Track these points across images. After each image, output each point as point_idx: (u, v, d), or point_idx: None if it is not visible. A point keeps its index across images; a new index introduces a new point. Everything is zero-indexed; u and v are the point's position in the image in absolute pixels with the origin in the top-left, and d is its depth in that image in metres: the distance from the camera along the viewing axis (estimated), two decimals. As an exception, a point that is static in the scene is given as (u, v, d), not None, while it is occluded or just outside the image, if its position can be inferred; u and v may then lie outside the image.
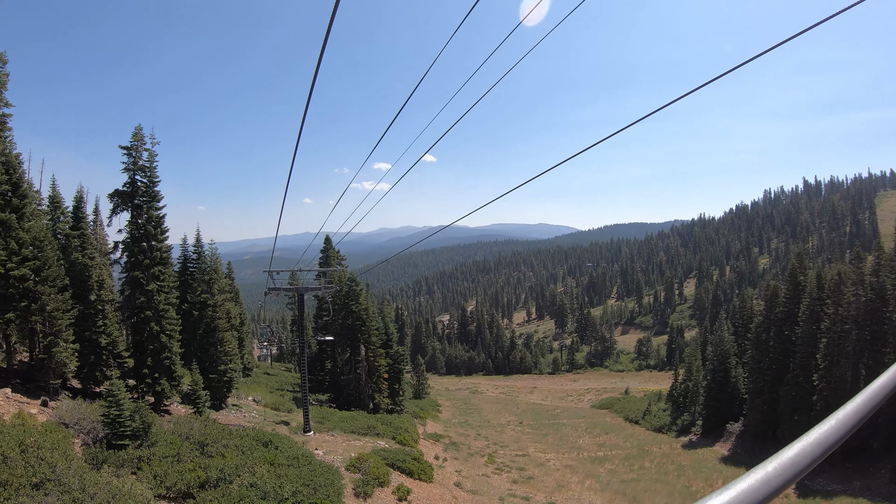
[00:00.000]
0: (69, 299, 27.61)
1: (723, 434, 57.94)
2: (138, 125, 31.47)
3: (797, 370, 49.16)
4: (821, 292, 49.40)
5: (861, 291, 45.16)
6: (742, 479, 1.19)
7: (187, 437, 24.17)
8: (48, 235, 27.51)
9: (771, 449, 24.16)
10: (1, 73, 27.34)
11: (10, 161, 26.71)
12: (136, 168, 31.26)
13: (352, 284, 54.43)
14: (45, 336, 26.28)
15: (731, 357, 61.05)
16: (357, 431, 39.97)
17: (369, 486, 25.84)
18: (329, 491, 21.82)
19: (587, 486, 40.28)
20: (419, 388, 79.27)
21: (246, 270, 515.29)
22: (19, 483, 15.28)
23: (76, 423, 22.71)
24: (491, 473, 41.32)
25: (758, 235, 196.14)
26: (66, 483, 16.13)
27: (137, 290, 30.97)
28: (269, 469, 22.43)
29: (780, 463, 1.25)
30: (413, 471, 31.80)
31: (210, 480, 19.82)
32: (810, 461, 1.29)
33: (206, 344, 38.17)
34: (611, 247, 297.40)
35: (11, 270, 24.65)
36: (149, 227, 31.16)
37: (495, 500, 32.72)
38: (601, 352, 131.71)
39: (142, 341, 31.09)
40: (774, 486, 1.20)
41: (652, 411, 72.30)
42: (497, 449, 52.88)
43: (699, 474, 44.86)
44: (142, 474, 19.45)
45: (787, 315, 52.68)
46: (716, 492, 1.15)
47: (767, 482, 1.19)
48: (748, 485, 1.18)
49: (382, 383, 54.81)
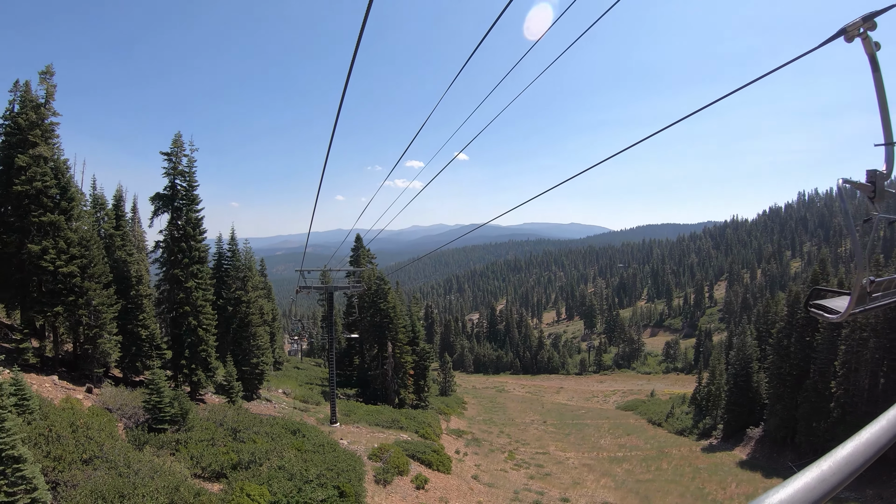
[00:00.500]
0: (113, 294, 29.85)
1: (743, 439, 57.93)
2: (178, 132, 33.71)
3: (816, 377, 49.11)
4: (845, 297, 49.52)
5: None
6: (797, 477, 1.22)
7: (221, 424, 26.18)
8: (94, 235, 29.81)
9: (789, 455, 25.96)
10: (49, 85, 29.73)
11: (58, 166, 29.09)
12: (175, 173, 33.48)
13: (380, 283, 56.22)
14: (91, 328, 28.50)
15: (753, 362, 60.77)
16: (381, 424, 41.70)
17: (389, 474, 27.58)
18: (351, 476, 23.57)
19: (602, 484, 41.17)
20: (445, 385, 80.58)
21: (278, 266, 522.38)
22: (71, 458, 17.26)
23: (119, 408, 24.80)
24: (509, 469, 42.54)
25: (790, 238, 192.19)
26: (113, 460, 18.07)
27: (177, 286, 33.19)
28: (296, 454, 24.28)
29: (835, 462, 1.27)
30: (432, 462, 33.46)
31: (242, 462, 21.75)
32: (863, 461, 1.31)
33: (239, 338, 40.31)
34: (642, 248, 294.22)
35: (60, 268, 26.90)
36: (188, 229, 33.34)
37: (510, 494, 34.06)
38: (629, 353, 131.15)
39: (180, 334, 33.30)
40: (830, 484, 1.22)
41: (675, 414, 72.38)
42: (518, 446, 53.83)
43: (714, 477, 45.15)
44: (179, 455, 21.38)
45: (808, 321, 52.73)
46: (772, 489, 1.19)
47: (823, 480, 1.22)
48: (804, 483, 1.20)
49: (408, 379, 56.53)
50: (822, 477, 1.21)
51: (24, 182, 26.95)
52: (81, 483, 16.17)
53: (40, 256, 26.54)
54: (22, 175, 26.97)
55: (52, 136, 29.40)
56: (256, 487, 18.99)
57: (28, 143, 27.83)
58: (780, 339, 55.89)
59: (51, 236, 27.30)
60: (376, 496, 24.70)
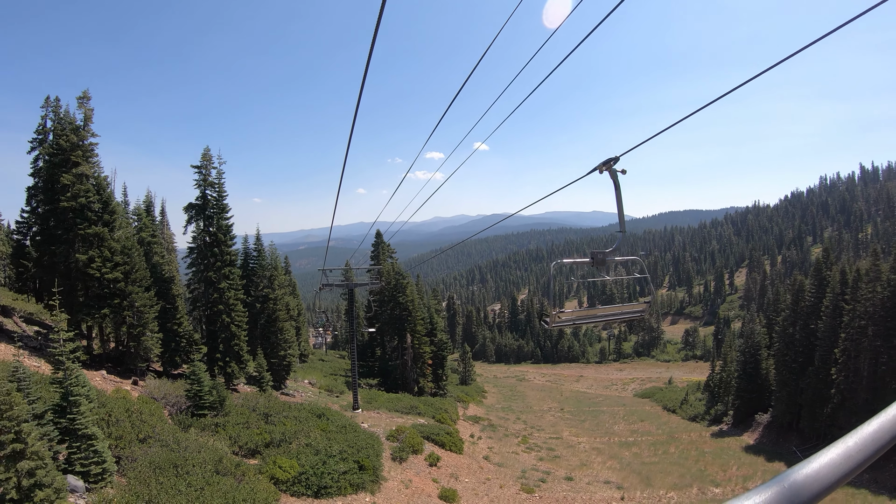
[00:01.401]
0: (153, 296, 33.30)
1: (751, 424, 59.80)
2: (206, 147, 37.02)
3: (819, 363, 50.91)
4: (843, 288, 51.21)
5: (879, 288, 46.73)
6: (823, 452, 1.22)
7: (254, 409, 29.54)
8: (134, 243, 33.22)
9: (794, 440, 29.68)
10: (86, 109, 32.98)
11: (100, 183, 32.48)
12: (206, 184, 36.83)
13: (399, 278, 59.34)
14: (134, 327, 31.90)
15: (762, 349, 62.62)
16: (400, 410, 44.83)
17: (404, 452, 30.75)
18: (370, 452, 26.79)
19: (608, 465, 43.52)
20: (465, 374, 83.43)
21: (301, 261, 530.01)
22: (130, 438, 20.53)
23: (163, 397, 28.14)
24: (521, 451, 45.27)
25: (811, 224, 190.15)
26: (164, 439, 21.34)
27: (210, 287, 36.61)
28: (321, 434, 27.58)
29: (861, 438, 1.27)
30: (445, 443, 36.61)
31: (273, 441, 25.08)
32: (890, 437, 1.30)
33: (267, 332, 43.67)
34: (664, 235, 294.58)
35: (106, 274, 30.29)
36: (219, 235, 36.73)
37: (517, 473, 36.93)
38: (648, 342, 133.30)
39: (214, 331, 36.74)
40: (856, 460, 1.22)
41: (689, 401, 74.45)
42: (533, 431, 56.22)
43: (717, 460, 47.12)
44: (219, 436, 24.65)
45: (811, 309, 54.44)
46: (798, 464, 1.19)
47: (849, 457, 1.22)
48: (829, 459, 1.20)
49: (426, 368, 59.67)
50: (847, 453, 1.23)
51: (70, 199, 30.23)
52: (140, 457, 19.37)
53: (87, 265, 29.91)
54: (67, 192, 30.29)
55: (91, 155, 32.53)
56: (287, 461, 22.27)
57: (70, 163, 30.93)
58: (785, 327, 57.64)
59: (96, 246, 30.62)
60: (392, 471, 27.85)
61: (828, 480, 1.16)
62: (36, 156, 37.98)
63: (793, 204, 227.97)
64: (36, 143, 38.08)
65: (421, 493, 26.50)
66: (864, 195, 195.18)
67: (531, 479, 35.54)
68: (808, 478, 1.15)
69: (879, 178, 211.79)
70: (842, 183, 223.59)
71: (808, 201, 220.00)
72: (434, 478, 29.70)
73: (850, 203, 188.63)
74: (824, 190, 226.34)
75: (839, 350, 48.49)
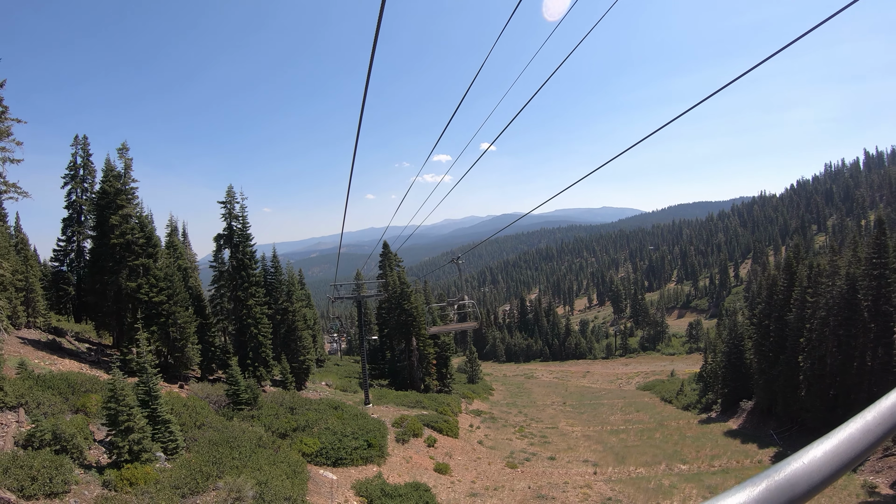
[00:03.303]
0: (192, 314, 40.36)
1: (737, 411, 64.84)
2: (230, 185, 44.62)
3: (789, 352, 56.54)
4: (810, 282, 56.95)
5: (838, 282, 52.43)
6: (844, 426, 1.22)
7: (281, 404, 36.64)
8: (174, 270, 40.28)
9: (772, 424, 38.48)
10: (126, 158, 39.78)
11: (142, 221, 39.51)
12: (231, 217, 44.16)
13: (403, 287, 66.18)
14: (178, 341, 38.90)
15: (745, 339, 67.94)
16: (406, 405, 51.65)
17: (406, 435, 37.90)
18: (377, 434, 33.92)
19: (592, 449, 49.34)
20: (473, 374, 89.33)
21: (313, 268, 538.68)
22: (190, 424, 27.43)
23: (206, 396, 35.05)
24: (514, 438, 51.43)
25: (815, 213, 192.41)
26: (214, 425, 28.22)
27: (240, 304, 43.71)
28: (337, 420, 34.77)
29: (879, 412, 1.26)
30: (443, 429, 43.61)
31: (299, 426, 32.17)
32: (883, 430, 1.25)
33: (287, 340, 50.75)
34: (672, 229, 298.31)
35: (153, 298, 37.29)
36: (245, 260, 44.03)
37: (506, 454, 43.56)
38: (654, 336, 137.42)
39: (244, 340, 43.92)
40: (875, 434, 1.21)
41: (684, 391, 79.31)
42: (531, 423, 61.60)
43: (695, 444, 52.18)
44: (255, 423, 31.63)
45: (783, 302, 60.11)
46: (819, 440, 1.18)
47: (868, 431, 1.21)
48: (849, 434, 1.20)
49: (431, 368, 66.49)
50: (866, 428, 1.22)
51: (118, 236, 37.17)
52: (199, 438, 26.23)
53: (136, 291, 36.93)
54: (115, 231, 37.29)
55: (133, 197, 39.38)
56: (310, 439, 29.34)
57: (116, 206, 37.83)
58: (761, 318, 63.20)
59: (142, 275, 37.67)
60: (395, 449, 34.85)
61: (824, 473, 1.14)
62: (69, 190, 45.42)
63: (798, 193, 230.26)
64: (68, 178, 45.68)
65: (419, 467, 33.43)
66: (868, 181, 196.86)
67: (517, 459, 42.22)
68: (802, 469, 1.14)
69: (885, 164, 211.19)
70: (846, 170, 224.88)
71: (813, 189, 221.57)
72: (431, 455, 36.73)
73: (853, 190, 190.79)
74: (829, 177, 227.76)
75: (804, 339, 54.17)
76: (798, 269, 59.94)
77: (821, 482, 1.10)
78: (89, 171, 47.14)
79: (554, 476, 38.01)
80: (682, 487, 36.62)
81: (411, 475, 31.57)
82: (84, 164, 46.84)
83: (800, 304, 56.52)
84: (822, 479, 1.10)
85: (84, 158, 46.75)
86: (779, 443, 51.37)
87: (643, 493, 35.02)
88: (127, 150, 40.07)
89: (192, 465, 21.53)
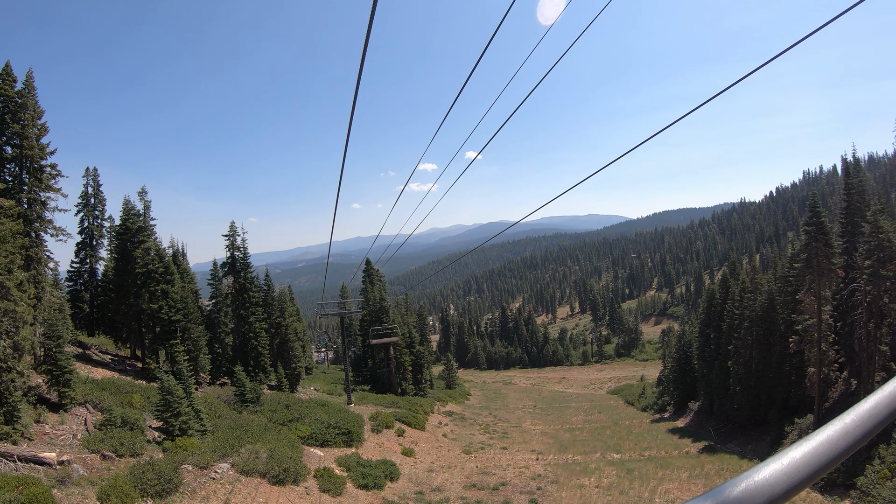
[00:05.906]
0: (204, 329, 50.15)
1: (686, 411, 72.86)
2: (232, 221, 54.65)
3: (722, 357, 65.60)
4: (740, 295, 66.78)
5: (759, 297, 61.91)
6: (822, 430, 1.26)
7: (279, 402, 46.76)
8: (189, 293, 50.05)
9: (713, 422, 52.40)
10: (145, 200, 49.40)
11: (160, 252, 49.11)
12: (233, 248, 54.21)
13: (382, 303, 76.15)
14: (192, 352, 48.59)
15: (693, 347, 76.63)
16: (383, 405, 61.15)
17: (380, 427, 48.09)
18: (355, 424, 44.17)
19: (544, 442, 57.61)
20: (450, 379, 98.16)
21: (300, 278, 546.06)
22: (210, 415, 37.12)
23: (218, 396, 44.86)
24: (477, 434, 60.40)
25: (792, 220, 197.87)
26: (229, 417, 38.12)
27: (241, 321, 53.65)
28: (323, 414, 45.04)
29: (857, 415, 1.32)
30: (412, 423, 53.80)
31: (294, 418, 42.41)
32: (888, 413, 1.34)
33: (281, 350, 60.64)
34: (655, 236, 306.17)
35: (172, 317, 46.91)
36: (246, 284, 54.18)
37: (465, 444, 53.31)
38: (628, 342, 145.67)
39: (246, 351, 53.82)
40: (854, 436, 1.27)
41: (646, 394, 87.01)
42: (497, 422, 68.98)
43: (637, 439, 58.74)
44: (259, 416, 41.56)
45: (719, 313, 69.97)
46: (802, 439, 1.23)
47: (846, 433, 1.27)
48: (827, 436, 1.25)
49: (408, 374, 76.38)
50: (845, 430, 1.27)
51: (140, 266, 46.86)
52: (220, 424, 36.05)
53: (157, 311, 46.57)
54: (138, 262, 46.89)
55: (152, 233, 48.92)
56: (303, 427, 39.56)
57: (138, 241, 47.34)
58: (702, 327, 73.03)
59: (161, 298, 47.25)
60: (370, 437, 45.05)
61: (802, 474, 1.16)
62: (81, 217, 52.78)
63: (775, 200, 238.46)
64: (81, 206, 52.64)
65: (389, 450, 43.59)
66: (841, 188, 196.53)
67: (473, 448, 52.04)
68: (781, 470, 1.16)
69: (863, 170, 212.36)
70: (824, 176, 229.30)
71: (791, 197, 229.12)
72: (399, 443, 46.89)
73: (828, 196, 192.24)
74: (807, 184, 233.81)
75: (732, 347, 63.46)
76: (731, 284, 69.97)
77: (799, 482, 1.16)
78: (99, 199, 54.10)
79: (501, 460, 47.67)
80: (603, 469, 44.68)
81: (382, 455, 41.57)
82: (94, 192, 53.87)
83: (730, 315, 66.02)
84: (801, 479, 1.16)
85: (94, 188, 53.78)
86: (714, 438, 59.03)
87: (569, 472, 43.75)
88: (146, 192, 49.71)
89: (221, 439, 31.50)
